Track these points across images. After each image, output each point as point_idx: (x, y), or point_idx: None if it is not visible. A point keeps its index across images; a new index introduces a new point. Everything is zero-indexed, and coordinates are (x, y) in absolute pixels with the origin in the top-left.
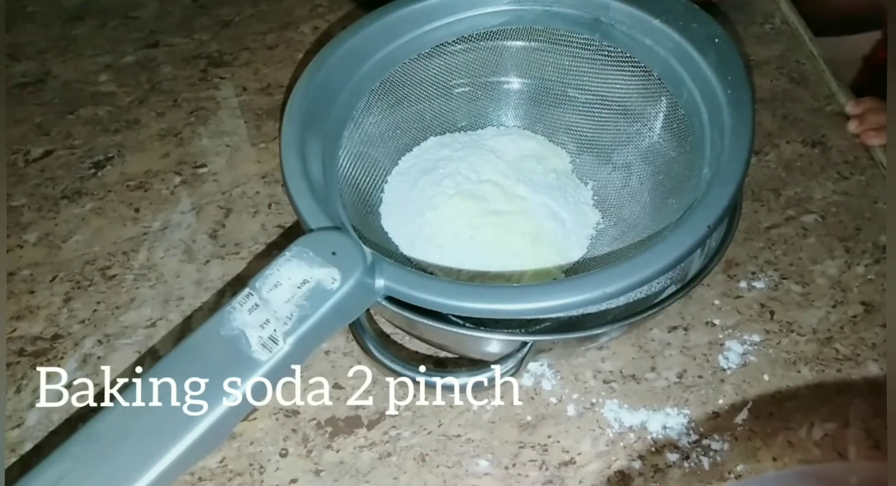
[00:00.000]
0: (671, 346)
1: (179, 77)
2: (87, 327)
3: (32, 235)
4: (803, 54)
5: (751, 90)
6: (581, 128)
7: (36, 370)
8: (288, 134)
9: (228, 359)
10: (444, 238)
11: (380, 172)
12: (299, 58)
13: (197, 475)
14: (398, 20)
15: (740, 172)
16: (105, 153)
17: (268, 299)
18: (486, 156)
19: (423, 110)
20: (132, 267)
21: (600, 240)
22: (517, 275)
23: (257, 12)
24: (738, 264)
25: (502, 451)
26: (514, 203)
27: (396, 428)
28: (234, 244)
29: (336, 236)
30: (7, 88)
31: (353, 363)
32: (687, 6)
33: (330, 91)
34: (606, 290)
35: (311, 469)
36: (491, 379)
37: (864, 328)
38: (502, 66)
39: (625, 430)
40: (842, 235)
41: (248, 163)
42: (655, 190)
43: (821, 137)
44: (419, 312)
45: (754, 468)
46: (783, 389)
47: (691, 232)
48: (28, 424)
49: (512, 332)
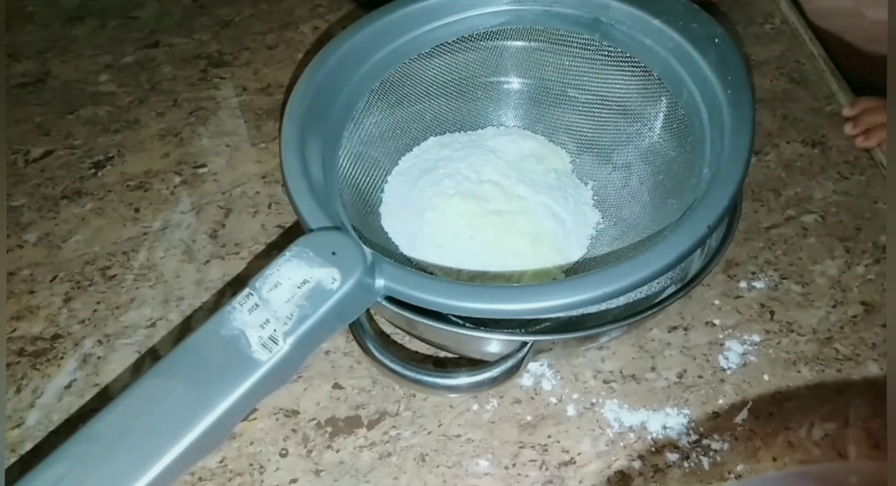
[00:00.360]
0: (671, 346)
1: (179, 77)
2: (87, 327)
3: (32, 235)
4: (803, 54)
5: (751, 90)
6: (581, 128)
7: (36, 370)
8: (288, 134)
9: (228, 359)
10: (444, 238)
11: (380, 172)
12: (299, 58)
13: (197, 475)
14: (398, 20)
15: (740, 172)
16: (105, 153)
17: (268, 299)
18: (486, 156)
19: (423, 110)
20: (132, 267)
21: (600, 240)
22: (517, 275)
23: (257, 12)
24: (738, 264)
25: (502, 451)
26: (514, 203)
27: (396, 428)
28: (234, 244)
29: (336, 236)
30: (7, 88)
31: (353, 363)
32: (687, 6)
33: (330, 91)
34: (606, 290)
35: (311, 469)
36: (491, 379)
37: (864, 328)
38: (502, 66)
39: (625, 430)
40: (842, 235)
41: (248, 163)
42: (655, 190)
43: (821, 137)
44: (419, 312)
45: (754, 468)
46: (783, 389)
47: (691, 232)
48: (28, 424)
49: (512, 332)
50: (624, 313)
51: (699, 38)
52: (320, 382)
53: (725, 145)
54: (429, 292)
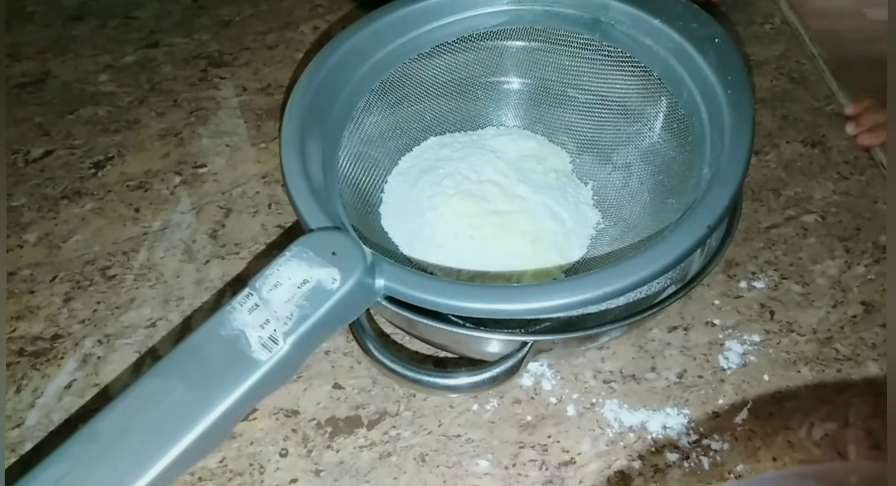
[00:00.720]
0: (671, 346)
1: (179, 77)
2: (87, 327)
3: (32, 235)
4: (803, 54)
5: (751, 90)
6: (581, 128)
7: (36, 370)
8: (288, 134)
9: (228, 359)
10: (444, 238)
11: (380, 172)
12: (299, 58)
13: (197, 475)
14: (398, 20)
15: (740, 172)
16: (105, 153)
17: (268, 299)
18: (486, 156)
19: (423, 110)
20: (132, 267)
21: (600, 240)
22: (517, 275)
23: (257, 12)
24: (738, 264)
25: (502, 451)
26: (514, 203)
27: (396, 428)
28: (234, 244)
29: (336, 236)
30: (7, 88)
31: (353, 363)
32: (687, 6)
33: (330, 91)
34: (606, 290)
35: (311, 469)
36: (491, 379)
37: (864, 328)
38: (502, 66)
39: (625, 430)
40: (842, 235)
41: (248, 163)
42: (655, 190)
43: (821, 137)
44: (419, 312)
45: (754, 468)
46: (783, 389)
47: (691, 232)
48: (28, 424)
49: (512, 332)
50: (624, 313)
51: (699, 38)
52: (320, 382)
53: (725, 145)
54: (429, 292)
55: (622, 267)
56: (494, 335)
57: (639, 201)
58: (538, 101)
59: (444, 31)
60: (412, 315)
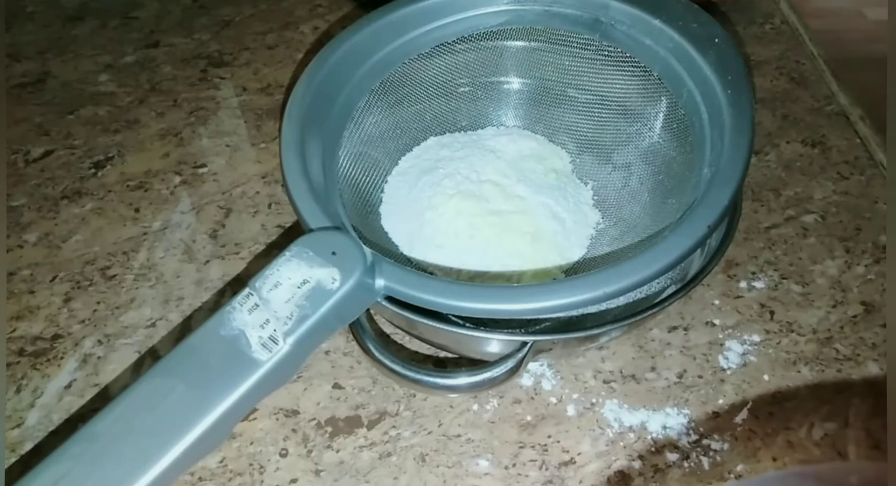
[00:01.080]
0: (671, 346)
1: (179, 77)
2: (87, 327)
3: (32, 235)
4: (803, 54)
5: (751, 90)
6: (581, 128)
7: (36, 370)
8: (288, 134)
9: (228, 359)
10: (444, 238)
11: (380, 172)
12: (299, 58)
13: (197, 475)
14: (398, 20)
15: (740, 172)
16: (105, 153)
17: (268, 299)
18: (486, 156)
19: (423, 110)
20: (132, 267)
21: (600, 240)
22: (517, 275)
23: (257, 12)
24: (738, 264)
25: (502, 451)
26: (514, 203)
27: (396, 428)
28: (234, 244)
29: (336, 236)
30: (7, 88)
31: (353, 363)
32: (687, 6)
33: (330, 91)
34: (606, 290)
35: (311, 469)
36: (491, 379)
37: (864, 328)
38: (502, 66)
39: (625, 430)
40: (842, 235)
41: (248, 163)
42: (655, 190)
43: (821, 137)
44: (419, 312)
45: (754, 468)
46: (783, 389)
47: (691, 232)
48: (28, 424)
49: (512, 332)
50: (624, 313)
51: (699, 38)
52: (320, 382)
53: (725, 145)
54: (429, 292)
55: (622, 267)
56: (494, 335)
57: (639, 201)
58: (538, 101)
59: (444, 31)
60: (412, 315)
